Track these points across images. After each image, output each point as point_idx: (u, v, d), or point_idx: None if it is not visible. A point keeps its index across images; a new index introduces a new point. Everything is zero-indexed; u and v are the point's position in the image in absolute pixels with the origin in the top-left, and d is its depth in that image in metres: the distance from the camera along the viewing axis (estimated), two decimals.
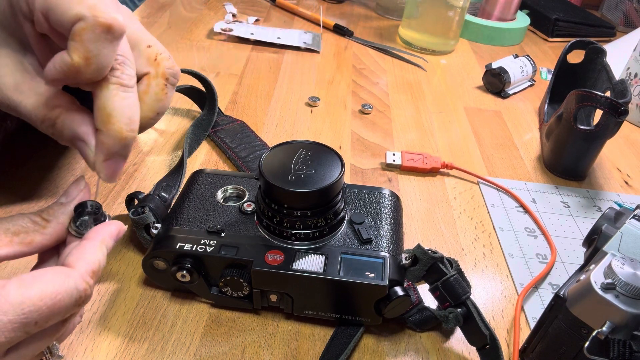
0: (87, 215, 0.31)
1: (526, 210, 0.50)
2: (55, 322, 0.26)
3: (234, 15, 0.84)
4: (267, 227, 0.36)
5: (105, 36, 0.27)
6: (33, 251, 0.29)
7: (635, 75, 0.67)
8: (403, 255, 0.36)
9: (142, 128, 0.33)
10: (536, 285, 0.42)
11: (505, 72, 0.70)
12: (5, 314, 0.23)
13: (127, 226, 0.34)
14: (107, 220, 0.32)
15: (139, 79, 0.33)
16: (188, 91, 0.58)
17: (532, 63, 0.74)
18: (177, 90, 0.58)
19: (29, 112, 0.31)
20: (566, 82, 0.66)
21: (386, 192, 0.41)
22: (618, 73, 0.71)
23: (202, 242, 0.35)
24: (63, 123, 0.31)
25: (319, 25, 0.86)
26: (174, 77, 0.34)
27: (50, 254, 0.31)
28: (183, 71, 0.55)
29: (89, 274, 0.27)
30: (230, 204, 0.39)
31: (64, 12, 0.27)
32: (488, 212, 0.49)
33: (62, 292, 0.25)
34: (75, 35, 0.27)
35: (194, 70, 0.56)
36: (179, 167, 0.48)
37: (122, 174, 0.48)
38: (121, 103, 0.30)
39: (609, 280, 0.28)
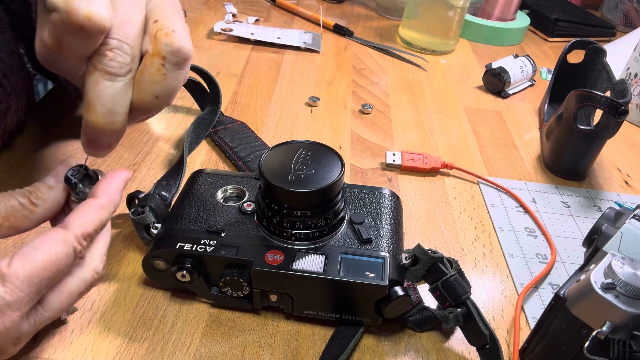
0: (80, 183, 0.32)
1: (526, 210, 0.50)
2: (60, 278, 0.29)
3: (234, 15, 0.84)
4: (267, 227, 0.36)
5: (77, 33, 0.26)
6: (18, 233, 0.31)
7: (635, 75, 0.67)
8: (403, 255, 0.36)
9: (142, 111, 0.31)
10: (536, 285, 0.42)
11: (505, 72, 0.70)
12: (21, 290, 0.25)
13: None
14: (100, 177, 0.33)
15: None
16: (189, 88, 0.57)
17: (532, 63, 0.74)
18: None
19: (69, 69, 0.30)
20: (566, 82, 0.66)
21: (386, 192, 0.41)
22: (618, 73, 0.71)
23: (202, 242, 0.35)
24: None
25: (319, 25, 0.86)
26: (173, 55, 0.29)
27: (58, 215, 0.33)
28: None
29: (83, 236, 0.28)
30: (230, 204, 0.39)
31: None
32: (488, 212, 0.49)
33: (61, 258, 0.27)
34: (50, 22, 0.26)
35: (201, 67, 0.53)
36: (178, 166, 0.47)
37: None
38: (103, 93, 0.28)
39: (609, 280, 0.28)
